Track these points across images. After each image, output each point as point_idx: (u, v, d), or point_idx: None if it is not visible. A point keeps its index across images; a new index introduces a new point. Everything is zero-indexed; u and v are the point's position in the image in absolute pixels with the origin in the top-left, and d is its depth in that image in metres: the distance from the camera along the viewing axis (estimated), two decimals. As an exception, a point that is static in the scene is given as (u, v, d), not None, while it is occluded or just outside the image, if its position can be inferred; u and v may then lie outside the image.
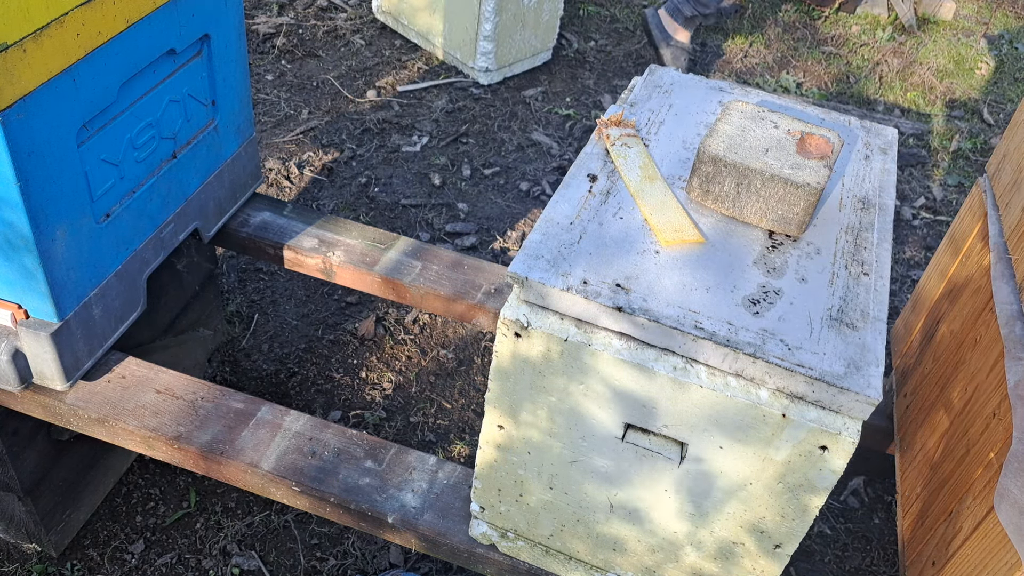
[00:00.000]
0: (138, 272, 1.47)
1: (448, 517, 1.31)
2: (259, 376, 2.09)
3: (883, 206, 1.17)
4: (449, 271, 1.68)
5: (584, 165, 1.16)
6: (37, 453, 1.56)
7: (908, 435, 1.39)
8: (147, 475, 1.85)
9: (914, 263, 2.72)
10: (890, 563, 1.88)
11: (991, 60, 3.78)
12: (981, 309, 1.24)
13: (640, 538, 1.15)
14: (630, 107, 1.28)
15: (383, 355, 2.19)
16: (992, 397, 1.13)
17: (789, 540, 1.06)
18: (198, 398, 1.43)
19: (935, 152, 3.20)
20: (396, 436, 2.01)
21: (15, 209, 1.17)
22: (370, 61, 3.29)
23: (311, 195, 2.65)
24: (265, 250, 1.73)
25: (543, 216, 1.07)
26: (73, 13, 1.16)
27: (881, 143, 1.29)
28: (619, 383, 0.99)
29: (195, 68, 1.48)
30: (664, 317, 0.95)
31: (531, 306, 1.00)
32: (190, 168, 1.54)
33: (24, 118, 1.12)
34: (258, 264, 2.38)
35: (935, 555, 1.17)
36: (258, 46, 3.28)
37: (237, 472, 1.36)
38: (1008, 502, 0.97)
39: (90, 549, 1.73)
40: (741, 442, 0.99)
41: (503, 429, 1.11)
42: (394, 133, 2.95)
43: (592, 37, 3.58)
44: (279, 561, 1.75)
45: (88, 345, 1.40)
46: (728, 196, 1.09)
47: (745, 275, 1.03)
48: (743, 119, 1.14)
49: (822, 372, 0.92)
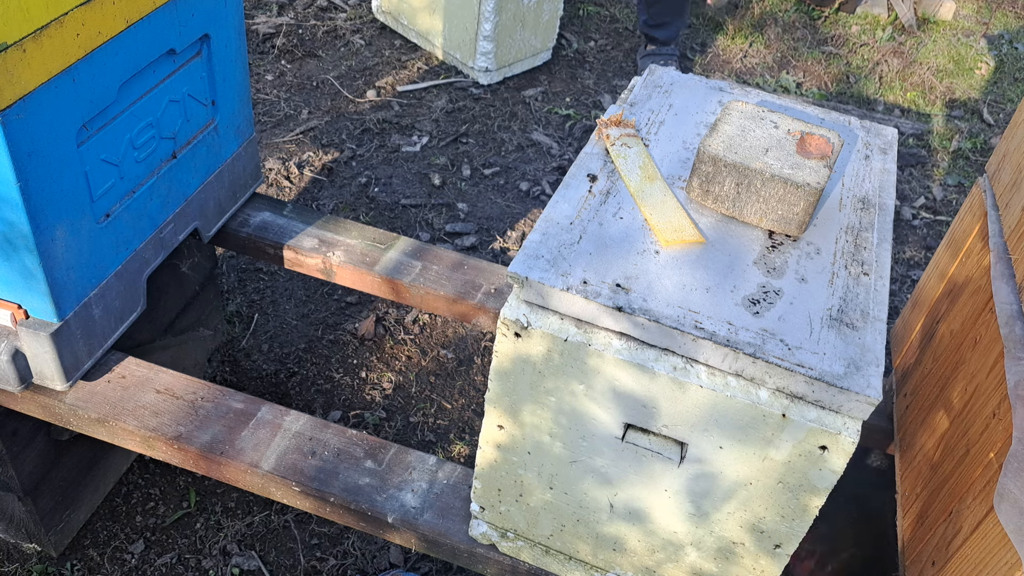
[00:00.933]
0: (138, 272, 1.47)
1: (448, 517, 1.31)
2: (259, 376, 2.09)
3: (883, 206, 1.17)
4: (449, 271, 1.68)
5: (584, 165, 1.16)
6: (37, 453, 1.56)
7: (908, 435, 1.39)
8: (147, 475, 1.85)
9: (914, 263, 2.72)
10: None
11: (991, 60, 3.78)
12: (981, 309, 1.24)
13: (640, 538, 1.15)
14: (630, 107, 1.28)
15: (383, 355, 2.19)
16: (992, 397, 1.13)
17: (789, 540, 1.06)
18: (198, 398, 1.43)
19: (935, 152, 3.20)
20: (396, 436, 2.01)
21: (15, 209, 1.17)
22: (370, 61, 3.29)
23: (311, 195, 2.65)
24: (265, 250, 1.74)
25: (543, 216, 1.07)
26: (73, 13, 1.16)
27: (881, 143, 1.29)
28: (619, 383, 0.99)
29: (195, 68, 1.48)
30: (664, 317, 0.95)
31: (531, 306, 1.00)
32: (190, 168, 1.54)
33: (24, 118, 1.12)
34: (258, 264, 2.38)
35: (935, 555, 1.17)
36: (258, 46, 3.28)
37: (237, 472, 1.36)
38: (1008, 502, 0.97)
39: (90, 549, 1.73)
40: (741, 442, 0.99)
41: (503, 429, 1.11)
42: (394, 133, 2.95)
43: (592, 37, 3.58)
44: (279, 561, 1.75)
45: (88, 345, 1.40)
46: (728, 196, 1.09)
47: (745, 275, 1.03)
48: (743, 119, 1.14)
49: (822, 372, 0.92)
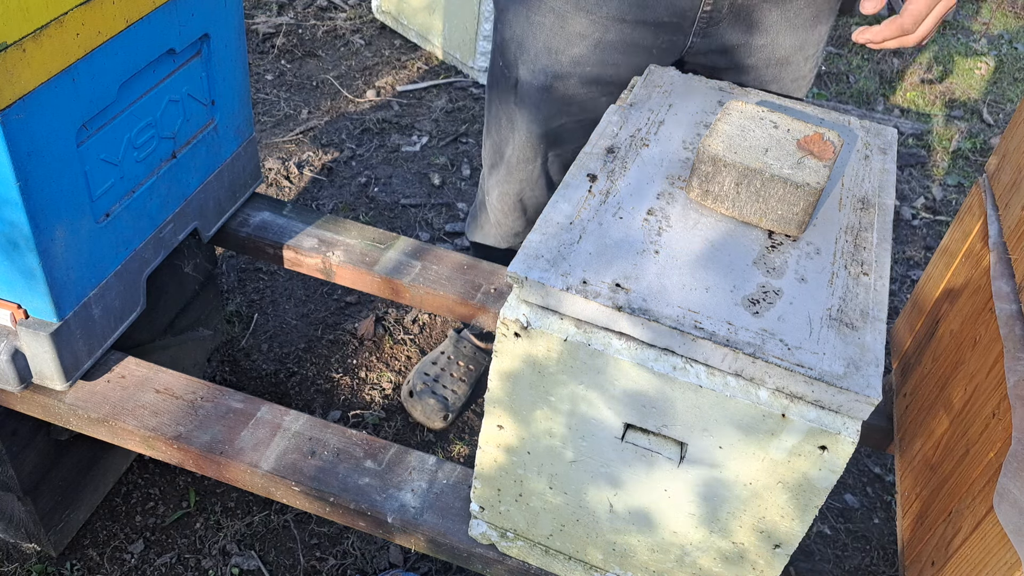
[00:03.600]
0: (138, 272, 1.47)
1: (448, 517, 1.31)
2: (259, 376, 2.09)
3: (883, 206, 1.17)
4: (449, 271, 1.68)
5: (584, 165, 1.16)
6: (37, 453, 1.56)
7: (908, 435, 1.39)
8: (146, 475, 1.85)
9: (914, 263, 2.72)
10: (889, 563, 1.88)
11: (991, 60, 3.78)
12: (981, 309, 1.24)
13: (639, 538, 1.15)
14: (629, 107, 1.28)
15: (383, 355, 2.19)
16: (992, 397, 1.13)
17: (789, 540, 1.06)
18: (198, 398, 1.43)
19: (935, 152, 3.20)
20: (396, 436, 2.01)
21: (15, 209, 1.17)
22: (370, 61, 3.29)
23: (311, 195, 2.65)
24: (265, 250, 1.73)
25: (542, 216, 1.07)
26: (73, 13, 1.16)
27: (881, 143, 1.29)
28: (618, 383, 0.99)
29: (195, 68, 1.48)
30: (664, 317, 0.95)
31: (531, 306, 1.00)
32: (190, 168, 1.54)
33: (24, 118, 1.12)
34: (258, 264, 2.38)
35: (934, 555, 1.17)
36: (258, 46, 3.28)
37: (237, 472, 1.36)
38: (1008, 502, 0.97)
39: (90, 549, 1.73)
40: (740, 442, 0.99)
41: (503, 429, 1.11)
42: (394, 133, 2.95)
43: (592, 37, 3.58)
44: (279, 561, 1.75)
45: (88, 345, 1.40)
46: (728, 196, 1.09)
47: (745, 275, 1.03)
48: (743, 119, 1.14)
49: (821, 372, 0.92)
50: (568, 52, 1.46)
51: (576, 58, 1.46)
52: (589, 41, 1.44)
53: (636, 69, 1.46)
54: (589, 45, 1.44)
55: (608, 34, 1.43)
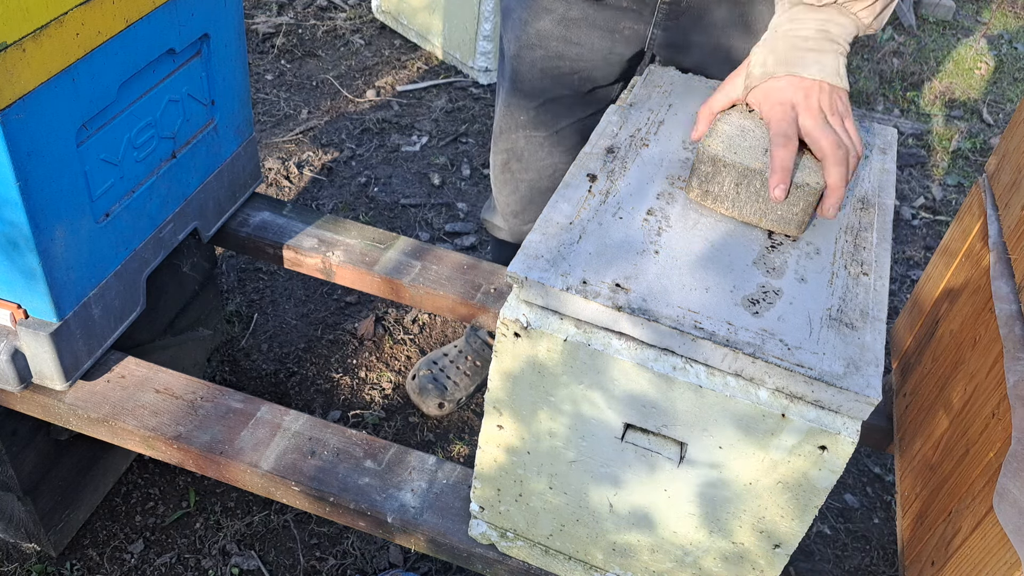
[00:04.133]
0: (137, 272, 1.47)
1: (448, 517, 1.31)
2: (258, 376, 2.09)
3: (883, 206, 1.17)
4: (449, 271, 1.68)
5: (584, 165, 1.16)
6: (37, 453, 1.56)
7: (907, 435, 1.39)
8: (146, 475, 1.85)
9: (914, 263, 2.72)
10: (889, 563, 1.88)
11: (991, 60, 3.78)
12: (980, 309, 1.24)
13: (639, 538, 1.15)
14: (629, 107, 1.28)
15: (382, 355, 2.19)
16: (991, 397, 1.13)
17: (789, 540, 1.06)
18: (197, 398, 1.43)
19: (935, 152, 3.20)
20: (396, 436, 2.01)
21: (15, 209, 1.17)
22: (370, 61, 3.29)
23: (311, 195, 2.65)
24: (265, 250, 1.74)
25: (542, 216, 1.07)
26: (73, 13, 1.16)
27: (880, 143, 1.29)
28: (618, 383, 0.99)
29: (194, 68, 1.48)
30: (663, 317, 0.95)
31: (530, 306, 1.00)
32: (189, 168, 1.54)
33: (23, 118, 1.12)
34: (258, 264, 2.38)
35: (934, 555, 1.17)
36: (258, 46, 3.28)
37: (237, 472, 1.36)
38: (1007, 502, 0.97)
39: (89, 549, 1.73)
40: (740, 442, 0.99)
41: (503, 429, 1.11)
42: (394, 133, 2.95)
43: (592, 37, 3.58)
44: (278, 561, 1.75)
45: (87, 345, 1.40)
46: (727, 196, 1.09)
47: (745, 275, 1.03)
48: (743, 119, 1.14)
49: (821, 372, 0.92)
50: (535, 24, 1.52)
51: (541, 31, 1.52)
52: (555, 16, 1.50)
53: (600, 51, 1.51)
54: (554, 20, 1.50)
55: (571, 11, 1.49)
